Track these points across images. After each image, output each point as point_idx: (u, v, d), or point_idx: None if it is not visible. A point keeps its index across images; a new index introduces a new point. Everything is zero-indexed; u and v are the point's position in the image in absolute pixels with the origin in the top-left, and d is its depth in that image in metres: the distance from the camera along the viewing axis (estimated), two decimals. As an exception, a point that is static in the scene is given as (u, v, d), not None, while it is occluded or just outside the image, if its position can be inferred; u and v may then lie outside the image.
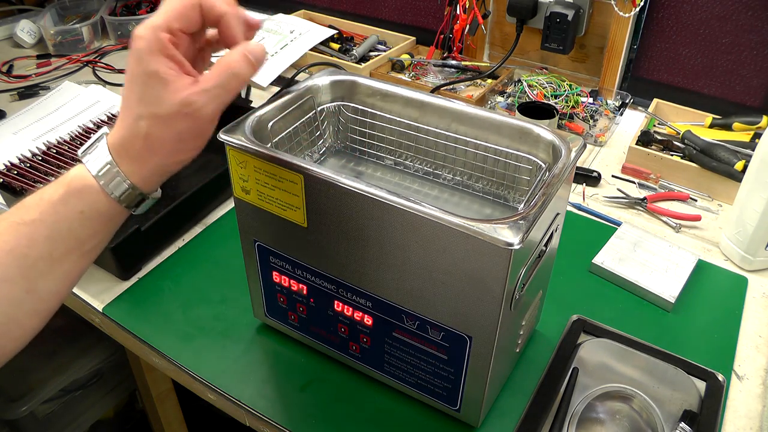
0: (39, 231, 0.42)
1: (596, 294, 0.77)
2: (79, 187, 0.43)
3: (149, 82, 0.41)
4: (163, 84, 0.41)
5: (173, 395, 1.21)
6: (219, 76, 0.42)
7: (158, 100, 0.41)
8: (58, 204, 0.43)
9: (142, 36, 0.42)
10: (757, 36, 1.03)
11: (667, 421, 0.60)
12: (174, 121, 0.41)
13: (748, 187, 0.78)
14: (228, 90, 0.43)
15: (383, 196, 0.49)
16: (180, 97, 0.41)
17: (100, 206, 0.43)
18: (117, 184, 0.43)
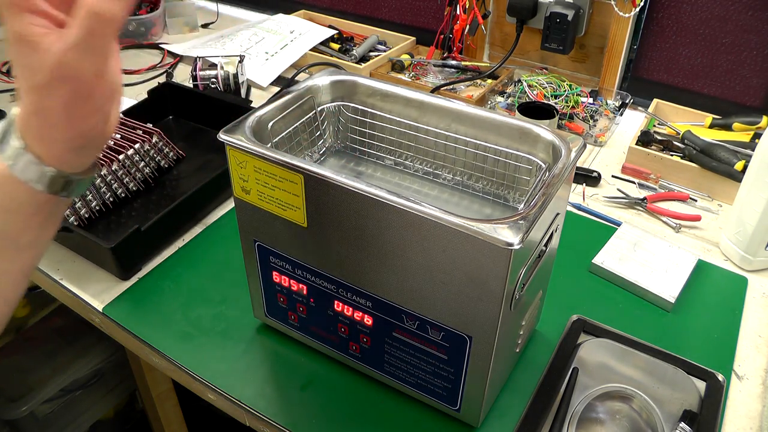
0: None
1: (596, 294, 0.77)
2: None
3: (20, 50, 0.35)
4: (31, 49, 0.35)
5: (173, 395, 1.21)
6: (81, 24, 0.35)
7: (31, 69, 0.36)
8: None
9: None
10: (757, 36, 1.03)
11: (667, 421, 0.60)
12: (53, 88, 0.36)
13: (748, 187, 0.78)
14: (100, 36, 0.35)
15: (383, 196, 0.49)
16: (49, 62, 0.35)
17: (20, 196, 0.39)
18: (29, 168, 0.38)
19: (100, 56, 0.36)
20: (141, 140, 0.88)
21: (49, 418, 1.25)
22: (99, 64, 0.37)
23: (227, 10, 1.65)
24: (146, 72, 1.32)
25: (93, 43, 0.35)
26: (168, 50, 1.39)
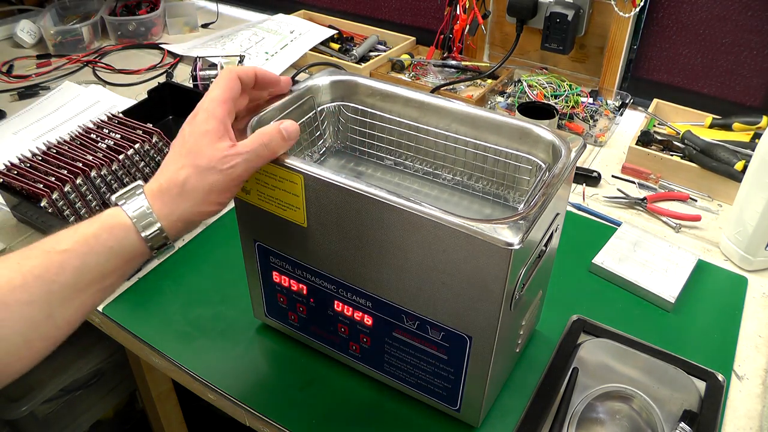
0: (69, 260, 0.45)
1: (596, 294, 0.77)
2: (112, 224, 0.47)
3: (199, 140, 0.48)
4: (210, 141, 0.48)
5: (173, 395, 1.21)
6: (253, 144, 0.50)
7: (202, 154, 0.48)
8: (90, 237, 0.46)
9: (206, 107, 0.50)
10: (757, 36, 1.03)
11: (667, 421, 0.60)
12: (210, 173, 0.48)
13: (748, 187, 0.78)
14: (259, 156, 0.50)
15: (383, 196, 0.49)
16: (220, 155, 0.48)
17: (128, 243, 0.47)
18: (148, 223, 0.47)
19: (251, 169, 0.50)
20: (141, 140, 0.88)
21: (49, 418, 1.24)
22: (246, 174, 0.50)
23: (227, 10, 1.65)
24: (146, 72, 1.32)
25: (253, 158, 0.49)
26: (168, 50, 1.39)
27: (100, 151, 0.85)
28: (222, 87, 0.51)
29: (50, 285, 0.45)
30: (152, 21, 1.46)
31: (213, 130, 0.49)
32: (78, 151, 0.86)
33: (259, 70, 0.55)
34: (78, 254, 0.46)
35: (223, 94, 0.51)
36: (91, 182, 0.83)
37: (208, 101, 0.50)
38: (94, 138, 0.89)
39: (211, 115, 0.49)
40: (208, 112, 0.49)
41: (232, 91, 0.51)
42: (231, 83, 0.52)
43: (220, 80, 0.52)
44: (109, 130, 0.90)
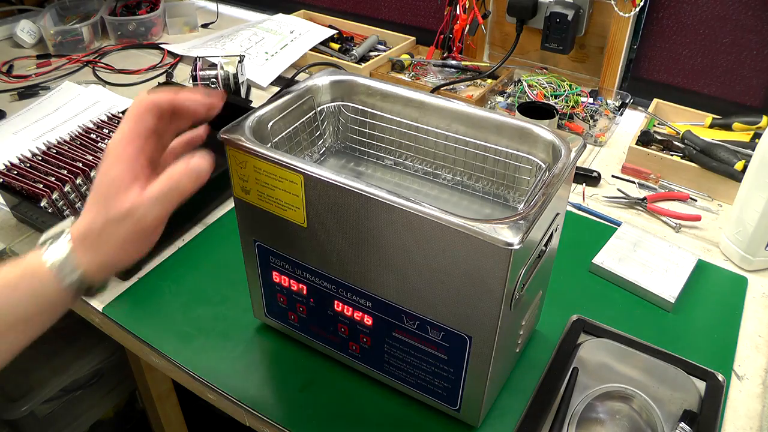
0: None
1: (596, 294, 0.77)
2: (33, 270, 0.46)
3: (108, 188, 0.46)
4: (116, 190, 0.46)
5: (173, 395, 1.21)
6: (161, 188, 0.46)
7: (111, 205, 0.46)
8: (12, 281, 0.45)
9: (112, 148, 0.47)
10: (757, 36, 1.03)
11: (667, 421, 0.60)
12: (120, 224, 0.46)
13: (748, 187, 0.78)
14: (169, 200, 0.47)
15: (383, 196, 0.49)
16: (126, 206, 0.45)
17: (51, 291, 0.46)
18: (69, 271, 0.46)
19: (163, 214, 0.47)
20: (141, 140, 0.87)
21: (49, 418, 1.24)
22: (159, 219, 0.47)
23: (227, 10, 1.65)
24: (146, 72, 1.32)
25: (164, 203, 0.46)
26: (168, 50, 1.39)
27: (100, 151, 0.85)
28: (130, 123, 0.47)
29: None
30: (152, 21, 1.46)
31: (119, 177, 0.46)
32: (78, 151, 0.86)
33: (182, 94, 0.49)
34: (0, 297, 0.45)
35: (130, 131, 0.47)
36: (91, 182, 0.83)
37: (115, 142, 0.47)
38: (94, 138, 0.89)
39: (116, 159, 0.46)
40: (113, 156, 0.46)
41: (141, 125, 0.47)
42: (139, 117, 0.47)
43: (128, 115, 0.48)
44: (109, 130, 0.90)
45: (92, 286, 0.47)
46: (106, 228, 0.46)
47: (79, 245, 0.46)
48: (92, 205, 0.47)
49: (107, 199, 0.46)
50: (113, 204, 0.46)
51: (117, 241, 0.46)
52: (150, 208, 0.46)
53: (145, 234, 0.47)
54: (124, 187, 0.46)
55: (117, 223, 0.46)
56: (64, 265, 0.46)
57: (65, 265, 0.46)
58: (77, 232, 0.47)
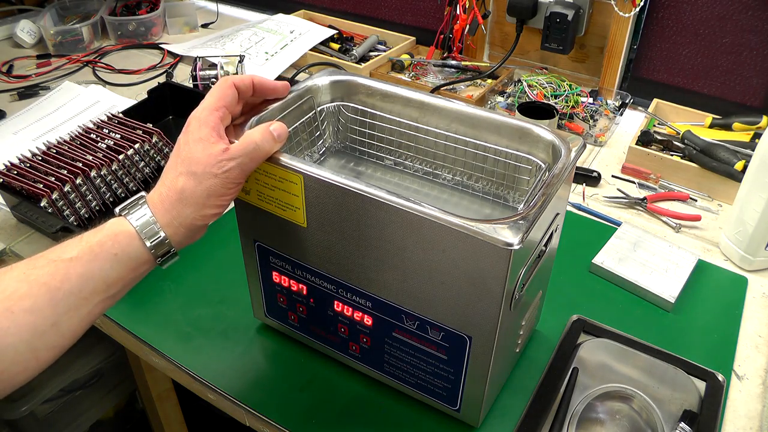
0: (74, 269, 0.46)
1: (596, 294, 0.77)
2: (116, 232, 0.48)
3: (193, 147, 0.49)
4: (204, 148, 0.49)
5: (173, 395, 1.21)
6: (246, 146, 0.50)
7: (197, 160, 0.49)
8: (95, 245, 0.47)
9: (198, 116, 0.51)
10: (757, 36, 1.03)
11: (667, 421, 0.60)
12: (206, 178, 0.49)
13: (748, 187, 0.78)
14: (252, 159, 0.51)
15: (383, 196, 0.49)
16: (214, 160, 0.49)
17: (132, 251, 0.48)
18: (152, 231, 0.49)
19: (245, 171, 0.51)
20: (141, 140, 0.88)
21: (49, 418, 1.24)
22: (241, 176, 0.51)
23: (227, 10, 1.65)
24: (146, 72, 1.32)
25: (246, 161, 0.50)
26: (168, 50, 1.40)
27: (100, 151, 0.85)
28: (215, 95, 0.52)
29: (55, 293, 0.45)
30: (152, 21, 1.46)
31: (205, 137, 0.49)
32: (78, 151, 0.86)
33: (257, 78, 0.56)
34: (83, 262, 0.46)
35: (215, 102, 0.52)
36: (91, 182, 0.83)
37: (200, 110, 0.51)
38: (94, 138, 0.89)
39: (203, 123, 0.50)
40: (200, 121, 0.50)
41: (225, 99, 0.52)
42: (225, 91, 0.52)
43: (215, 89, 0.53)
44: (109, 130, 0.90)
45: (171, 248, 0.50)
46: (191, 184, 0.49)
47: (160, 206, 0.49)
48: (174, 167, 0.50)
49: (193, 157, 0.49)
50: (200, 160, 0.49)
51: (201, 196, 0.49)
52: (236, 163, 0.49)
53: (227, 188, 0.50)
54: (210, 145, 0.49)
55: (203, 177, 0.49)
56: (146, 224, 0.48)
57: (148, 224, 0.48)
58: (156, 196, 0.50)
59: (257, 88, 0.56)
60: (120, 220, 0.49)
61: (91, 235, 0.48)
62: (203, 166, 0.49)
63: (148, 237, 0.48)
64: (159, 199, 0.50)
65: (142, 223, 0.48)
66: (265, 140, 0.51)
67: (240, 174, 0.50)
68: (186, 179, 0.49)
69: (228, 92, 0.53)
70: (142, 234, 0.48)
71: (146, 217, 0.49)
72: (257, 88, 0.56)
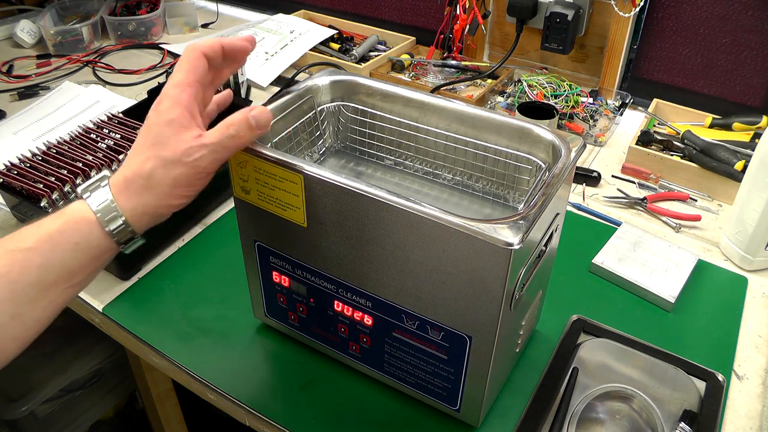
0: (33, 259, 0.44)
1: (596, 294, 0.77)
2: (76, 219, 0.46)
3: (164, 129, 0.46)
4: (174, 131, 0.46)
5: (173, 395, 1.21)
6: (220, 135, 0.47)
7: (166, 145, 0.46)
8: (54, 234, 0.45)
9: (169, 93, 0.47)
10: (757, 36, 1.03)
11: (667, 421, 0.60)
12: (175, 166, 0.46)
13: (748, 187, 0.78)
14: (225, 148, 0.47)
15: (383, 196, 0.49)
16: (184, 147, 0.46)
17: (93, 239, 0.46)
18: (113, 218, 0.46)
19: (217, 161, 0.47)
20: (141, 140, 0.87)
21: (49, 418, 1.24)
22: (212, 166, 0.47)
23: (227, 10, 1.65)
24: (146, 72, 1.32)
25: (219, 150, 0.47)
26: (168, 50, 1.39)
27: (100, 151, 0.85)
28: (186, 69, 0.48)
29: (14, 285, 0.43)
30: (152, 21, 1.46)
31: (177, 119, 0.46)
32: (78, 151, 0.86)
33: (225, 40, 0.51)
34: (41, 252, 0.44)
35: (187, 77, 0.47)
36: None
37: (171, 86, 0.47)
38: (94, 138, 0.89)
39: (175, 101, 0.46)
40: (172, 99, 0.46)
41: (196, 72, 0.48)
42: (195, 62, 0.48)
43: (183, 61, 0.48)
44: (109, 130, 0.90)
45: (134, 235, 0.47)
46: (158, 170, 0.45)
47: (124, 190, 0.46)
48: (142, 149, 0.46)
49: (162, 140, 0.46)
50: (170, 145, 0.45)
51: (167, 184, 0.46)
52: (208, 152, 0.46)
53: (195, 178, 0.47)
54: (182, 128, 0.46)
55: (171, 164, 0.45)
56: (107, 211, 0.45)
57: (109, 210, 0.45)
58: (121, 178, 0.47)
59: (227, 52, 0.51)
60: (81, 205, 0.46)
61: (50, 220, 0.45)
62: (173, 152, 0.45)
63: (109, 224, 0.46)
64: (123, 182, 0.46)
65: (103, 208, 0.45)
66: (242, 128, 0.48)
67: (212, 163, 0.47)
68: (153, 164, 0.45)
69: (199, 63, 0.48)
70: (102, 221, 0.45)
71: (107, 203, 0.46)
72: (227, 51, 0.51)
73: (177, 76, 0.48)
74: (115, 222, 0.46)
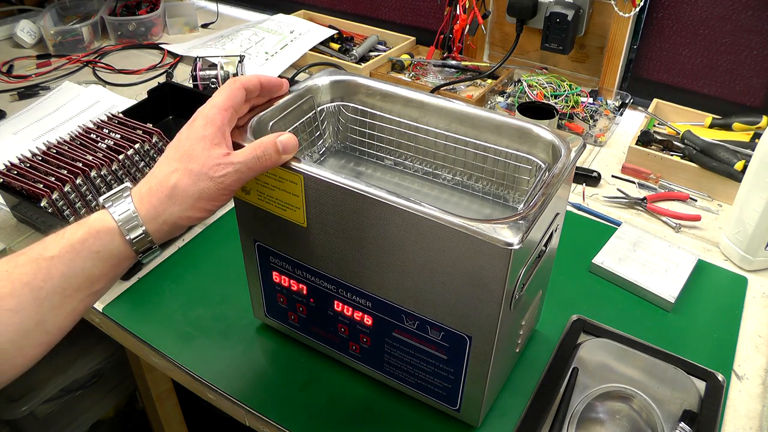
0: (56, 267, 0.46)
1: (596, 294, 0.77)
2: (98, 228, 0.47)
3: (195, 144, 0.48)
4: (205, 147, 0.48)
5: (173, 395, 1.21)
6: (247, 155, 0.49)
7: (196, 158, 0.48)
8: (76, 243, 0.46)
9: (205, 113, 0.50)
10: (757, 36, 1.03)
11: (667, 421, 0.60)
12: (201, 179, 0.47)
13: (748, 187, 0.78)
14: (251, 169, 0.49)
15: (383, 196, 0.49)
16: (212, 162, 0.48)
17: (114, 247, 0.47)
18: (134, 227, 0.47)
19: (242, 180, 0.49)
20: (141, 140, 0.88)
21: (49, 418, 1.24)
22: (237, 184, 0.49)
23: (227, 10, 1.65)
24: (146, 72, 1.32)
25: (245, 170, 0.49)
26: (168, 50, 1.39)
27: (100, 151, 0.85)
28: (225, 95, 0.51)
29: (38, 292, 0.45)
30: (152, 21, 1.46)
31: (210, 136, 0.48)
32: (78, 151, 0.86)
33: (263, 77, 0.56)
34: (64, 260, 0.46)
35: (225, 101, 0.51)
36: (91, 182, 0.83)
37: (209, 107, 0.50)
38: (94, 138, 0.89)
39: (210, 121, 0.49)
40: (207, 118, 0.49)
41: (234, 100, 0.52)
42: (235, 92, 0.52)
43: (224, 88, 0.52)
44: (109, 130, 0.90)
45: (153, 244, 0.49)
46: (184, 181, 0.47)
47: (146, 201, 0.48)
48: (171, 161, 0.48)
49: (192, 154, 0.48)
50: (199, 159, 0.47)
51: (191, 196, 0.47)
52: (234, 170, 0.48)
53: (219, 194, 0.48)
54: (213, 145, 0.48)
55: (197, 177, 0.47)
56: (128, 220, 0.47)
57: (130, 219, 0.47)
58: (146, 188, 0.48)
59: (264, 88, 0.56)
60: (103, 215, 0.48)
61: (73, 230, 0.47)
62: (201, 165, 0.47)
63: (130, 233, 0.47)
64: (147, 191, 0.48)
65: (125, 218, 0.47)
66: (268, 152, 0.50)
67: (236, 181, 0.49)
68: (180, 176, 0.47)
69: (237, 93, 0.52)
70: (123, 230, 0.47)
71: (129, 212, 0.47)
72: (264, 87, 0.56)
73: (215, 99, 0.51)
74: (135, 231, 0.47)
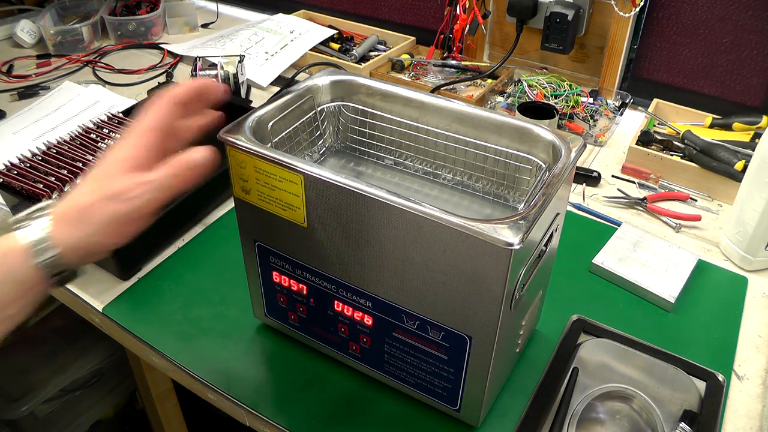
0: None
1: (596, 294, 0.77)
2: (5, 250, 0.44)
3: (112, 165, 0.47)
4: (121, 169, 0.46)
5: (173, 395, 1.21)
6: (160, 175, 0.47)
7: (110, 181, 0.46)
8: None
9: (131, 133, 0.48)
10: (757, 36, 1.03)
11: (667, 421, 0.60)
12: (112, 202, 0.45)
13: (748, 187, 0.78)
14: (166, 187, 0.47)
15: (383, 196, 0.49)
16: (125, 184, 0.46)
17: (23, 270, 0.44)
18: (44, 249, 0.44)
19: (156, 201, 0.46)
20: (141, 140, 0.87)
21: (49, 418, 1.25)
22: (150, 205, 0.46)
23: (227, 10, 1.65)
24: (146, 72, 1.32)
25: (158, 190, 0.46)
26: (168, 50, 1.39)
27: (100, 151, 0.85)
28: (150, 115, 0.49)
29: None
30: (152, 21, 1.46)
31: (129, 158, 0.47)
32: (78, 151, 0.86)
33: (196, 81, 0.52)
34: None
35: (150, 121, 0.48)
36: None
37: (131, 131, 0.48)
38: (94, 138, 0.89)
39: (128, 145, 0.47)
40: (130, 139, 0.48)
41: (161, 120, 0.49)
42: (161, 110, 0.49)
43: (150, 107, 0.49)
44: (109, 130, 0.90)
45: (66, 270, 0.46)
46: (95, 204, 0.45)
47: (61, 222, 0.45)
48: (86, 182, 0.46)
49: (105, 176, 0.46)
50: (110, 181, 0.46)
51: (103, 220, 0.45)
52: (146, 191, 0.46)
53: (133, 217, 0.46)
54: (126, 168, 0.46)
55: (108, 200, 0.45)
56: (39, 243, 0.44)
57: (41, 242, 0.44)
58: (61, 210, 0.46)
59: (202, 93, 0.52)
60: (13, 235, 0.45)
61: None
62: (111, 188, 0.45)
63: (39, 255, 0.44)
64: (62, 212, 0.46)
65: (36, 239, 0.44)
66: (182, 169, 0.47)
67: (148, 203, 0.46)
68: (93, 197, 0.45)
69: (164, 110, 0.49)
70: (32, 252, 0.44)
71: (41, 233, 0.44)
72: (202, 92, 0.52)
73: (143, 119, 0.49)
74: (45, 253, 0.44)
